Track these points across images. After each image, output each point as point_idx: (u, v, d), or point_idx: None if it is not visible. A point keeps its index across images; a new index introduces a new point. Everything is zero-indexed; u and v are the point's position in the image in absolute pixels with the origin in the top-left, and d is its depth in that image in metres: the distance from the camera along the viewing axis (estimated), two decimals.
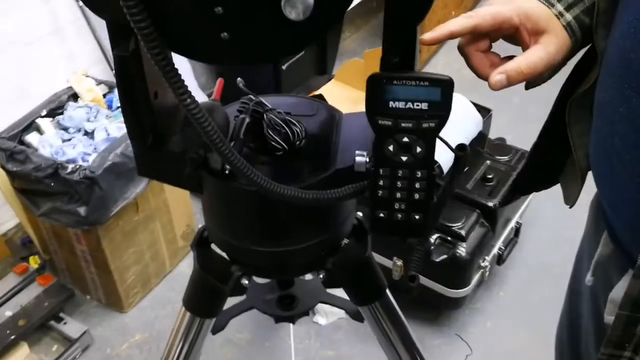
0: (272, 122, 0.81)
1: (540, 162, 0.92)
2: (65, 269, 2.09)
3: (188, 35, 0.58)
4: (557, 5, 0.73)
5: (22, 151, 1.71)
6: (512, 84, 0.71)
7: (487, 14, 0.70)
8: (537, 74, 0.72)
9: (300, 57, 2.57)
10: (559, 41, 0.72)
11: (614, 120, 0.67)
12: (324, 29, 0.55)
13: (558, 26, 0.72)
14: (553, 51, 0.71)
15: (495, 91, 0.73)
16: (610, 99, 0.67)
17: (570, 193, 0.90)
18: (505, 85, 0.70)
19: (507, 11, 0.71)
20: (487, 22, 0.70)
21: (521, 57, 0.71)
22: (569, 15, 0.72)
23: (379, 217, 0.71)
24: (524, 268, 2.13)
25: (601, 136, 0.72)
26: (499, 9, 0.71)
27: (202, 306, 0.97)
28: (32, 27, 2.04)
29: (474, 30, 0.70)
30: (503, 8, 0.72)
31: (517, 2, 0.73)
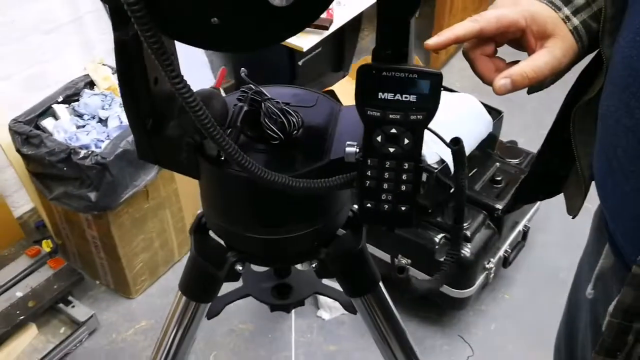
0: (269, 111, 0.83)
1: (544, 171, 0.90)
2: (76, 254, 2.13)
3: (180, 19, 0.59)
4: (564, 9, 0.71)
5: (37, 135, 1.75)
6: (517, 88, 0.69)
7: (493, 17, 0.69)
8: (543, 79, 0.70)
9: (317, 54, 2.58)
10: (565, 45, 0.70)
11: (618, 131, 0.65)
12: (309, 18, 0.56)
13: (565, 30, 0.71)
14: (559, 55, 0.70)
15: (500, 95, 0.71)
16: (614, 109, 0.65)
17: (573, 203, 0.88)
18: (509, 89, 0.69)
19: (513, 14, 0.70)
20: (492, 26, 0.69)
21: (526, 61, 0.70)
22: (575, 19, 0.71)
23: (366, 207, 0.72)
24: (531, 272, 2.13)
25: (604, 146, 0.70)
26: (504, 12, 0.70)
27: (197, 291, 0.99)
28: (53, 16, 2.08)
29: (479, 34, 0.70)
30: (509, 11, 0.71)
31: (524, 5, 0.72)
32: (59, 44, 2.14)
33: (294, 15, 0.55)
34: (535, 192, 0.95)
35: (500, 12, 0.70)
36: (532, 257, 2.16)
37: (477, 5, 3.30)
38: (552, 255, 2.15)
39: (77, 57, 2.19)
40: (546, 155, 0.86)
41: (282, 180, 0.71)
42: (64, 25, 2.13)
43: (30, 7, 2.01)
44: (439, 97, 0.66)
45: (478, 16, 0.70)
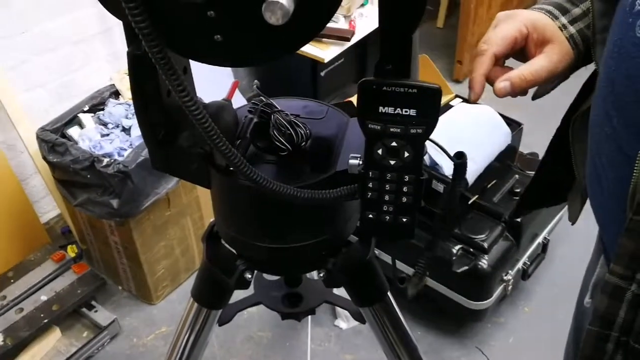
0: (278, 123, 0.85)
1: (548, 178, 0.92)
2: (99, 259, 2.18)
3: (185, 36, 0.62)
4: (561, 18, 0.75)
5: (63, 143, 1.80)
6: (516, 90, 0.73)
7: (499, 40, 0.74)
8: (541, 82, 0.74)
9: (339, 65, 2.61)
10: (562, 50, 0.74)
11: (601, 139, 0.67)
12: (307, 37, 0.58)
13: (562, 37, 0.74)
14: (556, 60, 0.73)
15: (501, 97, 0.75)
16: (599, 117, 0.68)
17: (572, 210, 0.90)
18: (509, 91, 0.73)
19: (514, 28, 0.74)
20: (501, 47, 0.73)
21: (525, 65, 0.74)
22: (572, 28, 0.75)
23: (368, 218, 0.74)
24: (551, 285, 2.11)
25: (592, 154, 0.72)
26: (506, 30, 0.74)
27: (209, 298, 1.01)
28: (82, 27, 2.15)
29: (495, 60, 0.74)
30: (510, 26, 0.74)
31: (522, 15, 0.76)
32: (87, 54, 2.20)
33: (291, 33, 0.57)
34: (540, 198, 0.97)
35: (503, 31, 0.74)
36: (553, 270, 2.14)
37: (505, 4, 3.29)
38: (573, 268, 2.10)
39: (104, 68, 2.25)
40: (549, 164, 0.89)
41: (286, 191, 0.73)
42: (92, 37, 2.20)
43: (63, 18, 2.08)
44: (439, 112, 0.68)
45: (485, 43, 0.74)
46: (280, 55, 0.60)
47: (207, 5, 0.57)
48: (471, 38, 3.05)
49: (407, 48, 0.67)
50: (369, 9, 2.57)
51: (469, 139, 1.75)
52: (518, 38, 0.74)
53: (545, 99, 0.87)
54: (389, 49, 0.67)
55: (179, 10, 0.59)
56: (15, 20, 1.95)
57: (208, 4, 0.56)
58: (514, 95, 0.76)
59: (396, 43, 0.66)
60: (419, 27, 0.66)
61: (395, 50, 0.67)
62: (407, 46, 0.67)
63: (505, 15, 0.77)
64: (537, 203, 1.01)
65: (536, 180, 0.95)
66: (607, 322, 0.64)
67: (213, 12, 0.57)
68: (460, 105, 2.05)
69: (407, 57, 0.68)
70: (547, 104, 0.87)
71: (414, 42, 0.69)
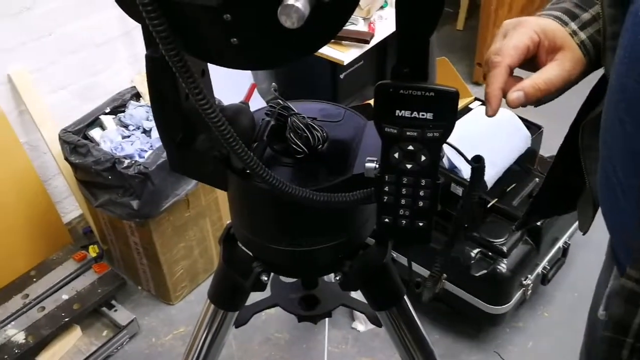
0: (295, 126, 0.85)
1: (558, 185, 0.90)
2: (120, 259, 2.20)
3: (202, 39, 0.62)
4: (571, 24, 0.73)
5: (85, 145, 1.82)
6: (530, 100, 0.71)
7: (511, 50, 0.71)
8: (554, 90, 0.72)
9: (358, 67, 2.61)
10: (574, 57, 0.72)
11: (614, 146, 0.66)
12: (323, 40, 0.58)
13: (573, 44, 0.73)
14: (569, 67, 0.72)
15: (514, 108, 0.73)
16: (611, 124, 0.67)
17: (584, 220, 0.88)
18: (522, 102, 0.71)
19: (525, 36, 0.72)
20: (514, 58, 0.71)
21: (538, 74, 0.71)
22: (582, 34, 0.73)
23: (384, 222, 0.74)
24: (571, 290, 2.08)
25: (604, 162, 0.71)
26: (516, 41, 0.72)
27: (225, 299, 1.01)
28: (104, 30, 2.17)
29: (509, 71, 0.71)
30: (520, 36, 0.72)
31: (532, 22, 0.74)
32: (109, 56, 2.23)
33: (306, 37, 0.57)
34: (550, 207, 0.94)
35: (514, 41, 0.72)
36: (573, 275, 2.11)
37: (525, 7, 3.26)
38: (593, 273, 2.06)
39: (125, 70, 2.28)
40: (559, 170, 0.86)
41: (302, 194, 0.73)
42: (114, 39, 2.22)
43: (86, 20, 2.10)
44: (456, 115, 0.67)
45: (497, 55, 0.71)
46: (296, 58, 0.60)
47: (224, 9, 0.57)
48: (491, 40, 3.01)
49: (424, 51, 0.67)
50: (388, 11, 2.57)
51: (489, 142, 1.74)
52: (530, 47, 0.72)
53: (566, 102, 0.86)
54: (406, 51, 0.67)
55: (195, 13, 0.60)
56: (41, 23, 1.98)
57: (224, 8, 0.57)
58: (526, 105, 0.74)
59: (413, 46, 0.66)
60: (436, 29, 0.65)
61: (413, 53, 0.67)
62: (425, 49, 0.67)
63: (514, 24, 0.74)
64: (546, 212, 0.99)
65: (545, 188, 0.92)
66: (623, 328, 0.63)
67: (229, 16, 0.58)
68: (479, 108, 2.03)
69: (424, 60, 0.68)
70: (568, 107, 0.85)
71: (431, 45, 0.69)
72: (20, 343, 1.80)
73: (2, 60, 1.93)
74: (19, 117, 2.02)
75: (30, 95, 1.99)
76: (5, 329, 1.84)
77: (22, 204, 2.03)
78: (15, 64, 1.96)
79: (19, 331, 1.83)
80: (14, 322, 1.86)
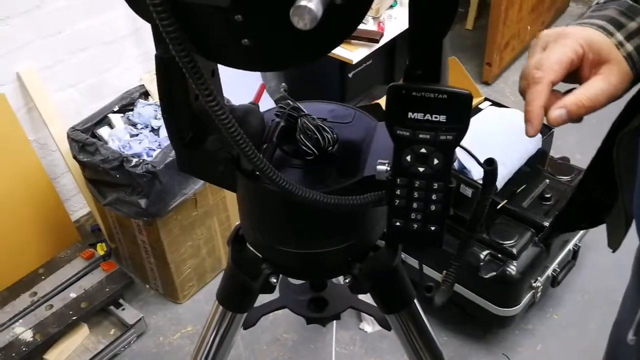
0: (305, 127, 0.84)
1: (586, 199, 0.85)
2: (127, 258, 2.20)
3: (213, 40, 0.62)
4: (617, 34, 0.67)
5: (93, 143, 1.82)
6: (573, 118, 0.65)
7: (555, 65, 0.65)
8: (599, 107, 0.66)
9: (367, 66, 2.59)
10: (621, 71, 0.66)
11: None
12: (335, 42, 0.57)
13: (619, 56, 0.67)
14: (615, 82, 0.66)
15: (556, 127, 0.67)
16: None
17: (614, 236, 0.84)
18: (565, 120, 0.65)
19: (569, 50, 0.66)
20: (558, 73, 0.65)
21: (582, 90, 0.65)
22: (629, 45, 0.67)
23: (395, 225, 0.73)
24: (581, 292, 2.06)
25: None
26: (560, 56, 0.65)
27: (234, 301, 1.01)
28: (112, 28, 2.17)
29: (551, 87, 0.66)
30: (563, 49, 0.66)
31: (575, 34, 0.68)
32: (118, 55, 2.23)
33: (319, 38, 0.56)
34: (576, 221, 0.90)
35: (558, 55, 0.65)
36: (583, 277, 2.10)
37: (535, 16, 3.24)
38: (603, 276, 2.08)
39: (134, 68, 2.27)
40: (589, 184, 0.82)
41: (312, 196, 0.72)
42: (123, 37, 2.22)
43: (95, 19, 2.10)
44: (469, 118, 0.66)
45: (539, 70, 0.65)
46: (308, 60, 0.60)
47: (235, 10, 0.56)
48: (501, 40, 3.01)
49: (437, 52, 0.66)
50: (397, 11, 2.55)
51: (499, 143, 1.73)
52: (575, 60, 0.66)
53: None
54: (419, 53, 0.66)
55: (206, 14, 0.59)
56: (51, 21, 1.98)
57: (235, 8, 0.56)
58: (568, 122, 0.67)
59: (426, 47, 0.65)
60: None
61: (426, 54, 0.66)
62: (438, 50, 0.66)
63: (555, 35, 0.68)
64: (571, 226, 0.94)
65: (572, 203, 0.88)
66: None
67: (240, 17, 0.57)
68: (489, 108, 2.02)
69: (437, 62, 0.67)
70: None
71: (444, 46, 0.68)
72: (28, 341, 1.80)
73: (12, 58, 1.93)
74: (28, 114, 2.02)
75: (39, 93, 1.99)
76: (13, 327, 1.84)
77: (31, 201, 2.04)
78: (25, 61, 1.96)
79: (27, 329, 1.84)
80: (22, 320, 1.87)
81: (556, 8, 3.52)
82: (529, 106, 0.65)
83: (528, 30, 3.24)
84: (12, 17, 1.88)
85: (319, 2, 0.51)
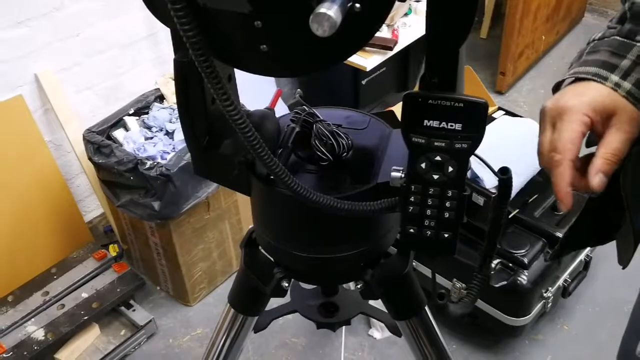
0: (320, 133, 0.85)
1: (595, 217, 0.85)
2: (139, 259, 2.22)
3: (232, 45, 0.62)
4: (612, 76, 0.69)
5: (108, 145, 1.83)
6: (610, 174, 0.67)
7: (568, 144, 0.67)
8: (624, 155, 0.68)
9: (380, 73, 2.60)
10: (629, 115, 0.67)
11: None
12: (354, 48, 0.58)
13: (622, 101, 0.68)
14: (628, 128, 0.67)
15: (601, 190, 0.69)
16: None
17: (624, 255, 0.83)
18: (605, 180, 0.67)
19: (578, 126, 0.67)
20: (574, 151, 0.67)
21: (602, 149, 0.67)
22: (626, 83, 0.68)
23: (408, 232, 0.73)
24: (592, 303, 2.05)
25: None
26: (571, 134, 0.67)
27: (245, 304, 1.02)
28: (129, 31, 2.19)
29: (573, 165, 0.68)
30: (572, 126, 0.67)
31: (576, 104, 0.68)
32: (134, 58, 2.25)
33: (337, 45, 0.57)
34: (585, 238, 0.90)
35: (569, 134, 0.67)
36: (594, 288, 2.09)
37: (549, 26, 3.24)
38: (615, 287, 2.07)
39: (150, 71, 2.30)
40: (596, 202, 0.82)
41: (326, 202, 0.73)
42: (139, 41, 2.24)
43: (113, 22, 2.13)
44: (485, 127, 0.67)
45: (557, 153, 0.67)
46: (325, 66, 0.60)
47: (254, 15, 0.57)
48: (515, 49, 3.01)
49: (454, 61, 0.67)
50: (412, 19, 2.56)
51: (512, 152, 1.72)
52: (585, 131, 0.68)
53: None
54: (436, 61, 0.67)
55: (226, 19, 0.60)
56: (69, 24, 2.00)
57: (255, 14, 0.57)
58: None
59: (443, 55, 0.66)
60: None
61: (442, 63, 0.66)
62: (454, 59, 0.67)
63: (558, 111, 0.69)
64: (581, 243, 0.94)
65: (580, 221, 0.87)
66: None
67: (260, 22, 0.58)
68: (503, 117, 2.02)
69: (453, 70, 0.67)
70: None
71: (461, 55, 0.69)
72: (40, 340, 1.82)
73: (30, 60, 1.95)
74: (44, 115, 2.05)
75: (56, 94, 2.01)
76: (25, 326, 1.86)
77: (45, 201, 2.06)
78: (42, 63, 1.99)
79: (39, 328, 1.85)
80: (33, 318, 1.88)
81: (571, 18, 3.51)
82: (556, 187, 0.68)
83: (542, 40, 3.23)
84: (32, 20, 1.90)
85: (338, 10, 0.52)
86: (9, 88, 1.93)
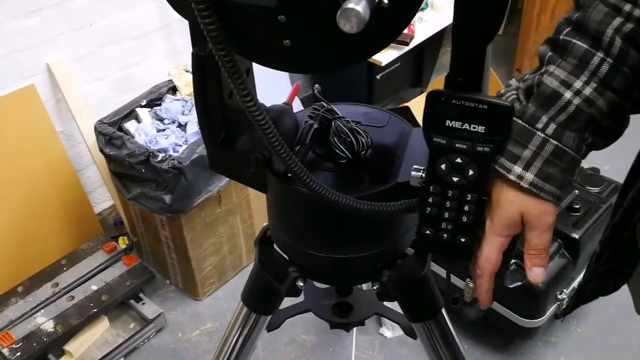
0: (339, 130, 0.83)
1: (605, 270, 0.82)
2: (149, 252, 2.21)
3: (254, 40, 0.61)
4: (515, 168, 0.64)
5: (120, 137, 1.82)
6: (545, 264, 0.69)
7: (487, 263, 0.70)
8: (549, 243, 0.69)
9: (395, 68, 2.58)
10: (535, 214, 0.66)
11: None
12: (380, 45, 0.56)
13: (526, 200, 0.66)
14: (539, 223, 0.67)
15: None
16: None
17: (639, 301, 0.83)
18: (543, 271, 0.70)
19: (493, 247, 0.69)
20: (494, 267, 0.71)
21: (526, 247, 0.69)
22: (529, 174, 0.64)
23: (425, 233, 0.71)
24: (606, 307, 2.02)
25: None
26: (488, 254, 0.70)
27: (259, 303, 1.00)
28: (142, 22, 2.18)
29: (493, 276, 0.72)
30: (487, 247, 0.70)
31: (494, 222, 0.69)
32: (147, 49, 2.23)
33: (364, 42, 0.55)
34: (596, 291, 0.88)
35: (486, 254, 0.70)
36: None
37: None
38: None
39: (162, 63, 2.28)
40: (606, 256, 0.80)
41: (345, 201, 0.71)
42: (152, 32, 2.23)
43: (126, 12, 2.11)
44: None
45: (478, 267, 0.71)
46: (349, 63, 0.58)
47: (279, 10, 0.55)
48: (532, 46, 2.97)
49: (480, 60, 0.64)
50: (428, 13, 2.53)
51: None
52: (504, 246, 0.70)
53: None
54: (462, 60, 0.64)
55: (248, 13, 0.58)
56: (82, 14, 1.99)
57: (280, 8, 0.55)
58: None
59: (470, 54, 0.63)
60: None
61: (469, 61, 0.64)
62: (481, 58, 0.64)
63: None
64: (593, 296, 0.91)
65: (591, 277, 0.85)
66: None
67: (284, 17, 0.56)
68: None
69: (479, 70, 0.65)
70: None
71: (487, 55, 0.66)
72: (50, 331, 1.81)
73: (42, 50, 1.94)
74: (56, 105, 2.04)
75: (68, 85, 2.00)
76: (35, 317, 1.86)
77: (56, 192, 2.05)
78: (55, 53, 1.98)
79: (48, 319, 1.85)
80: (43, 310, 1.88)
81: None
82: (478, 291, 0.74)
83: None
84: (44, 9, 1.89)
85: (366, 5, 0.50)
86: (21, 77, 1.92)
